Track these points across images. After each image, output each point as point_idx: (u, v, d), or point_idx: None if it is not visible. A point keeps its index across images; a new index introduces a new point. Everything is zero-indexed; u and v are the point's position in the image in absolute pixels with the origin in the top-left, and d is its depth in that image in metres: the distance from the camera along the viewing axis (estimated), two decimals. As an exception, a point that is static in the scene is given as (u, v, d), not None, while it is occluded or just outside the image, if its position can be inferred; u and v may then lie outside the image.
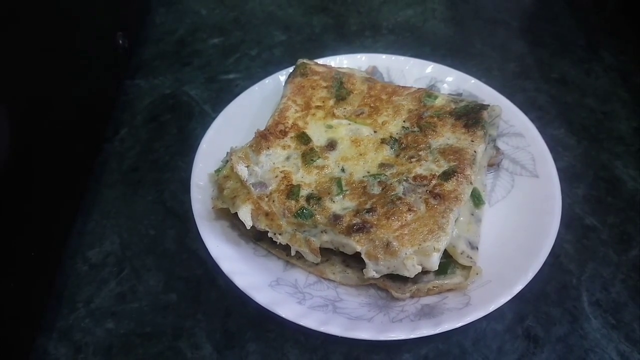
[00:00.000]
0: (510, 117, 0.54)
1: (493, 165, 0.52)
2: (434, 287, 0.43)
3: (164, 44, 0.71)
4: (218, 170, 0.48)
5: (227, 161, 0.48)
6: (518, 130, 0.53)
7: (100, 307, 0.46)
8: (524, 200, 0.48)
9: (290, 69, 0.57)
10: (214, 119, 0.55)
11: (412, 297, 0.43)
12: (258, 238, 0.46)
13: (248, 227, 0.44)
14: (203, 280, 0.47)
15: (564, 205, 0.47)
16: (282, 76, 0.58)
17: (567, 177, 0.53)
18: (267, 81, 0.58)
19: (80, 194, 0.52)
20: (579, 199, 0.52)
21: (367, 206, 0.43)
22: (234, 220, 0.46)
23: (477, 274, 0.43)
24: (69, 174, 0.49)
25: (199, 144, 0.52)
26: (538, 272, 0.46)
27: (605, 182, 0.54)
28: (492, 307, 0.41)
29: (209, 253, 0.44)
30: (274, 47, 0.71)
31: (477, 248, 0.44)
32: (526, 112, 0.54)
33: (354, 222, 0.42)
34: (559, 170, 0.49)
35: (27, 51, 0.43)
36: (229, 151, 0.49)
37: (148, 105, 0.63)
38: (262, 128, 0.50)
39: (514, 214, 0.48)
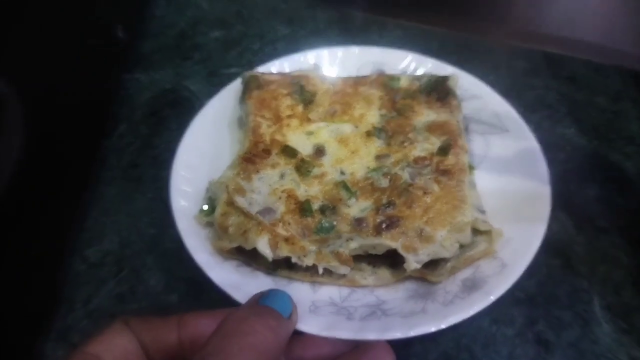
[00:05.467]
0: (463, 83, 0.54)
1: None
2: (465, 260, 0.42)
3: (164, 37, 0.69)
4: (204, 211, 0.45)
5: (210, 198, 0.45)
6: (473, 92, 0.54)
7: (99, 308, 0.45)
8: (504, 155, 0.49)
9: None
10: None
11: (449, 275, 0.42)
12: (274, 268, 0.43)
13: (270, 259, 0.41)
14: (205, 280, 0.45)
15: (574, 206, 0.46)
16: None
17: (577, 178, 0.52)
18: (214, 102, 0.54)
19: (78, 191, 0.51)
20: (590, 200, 0.51)
21: (384, 201, 0.42)
22: (240, 258, 0.43)
23: (500, 235, 0.42)
24: (67, 170, 0.48)
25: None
26: (549, 274, 0.45)
27: (616, 183, 0.53)
28: (529, 258, 0.41)
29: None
30: (277, 41, 0.69)
31: (485, 211, 0.44)
32: (535, 111, 0.54)
33: (379, 220, 0.41)
34: (568, 170, 0.49)
35: (23, 44, 0.41)
36: (207, 187, 0.47)
37: (148, 100, 0.61)
38: (227, 150, 0.49)
39: (500, 170, 0.48)
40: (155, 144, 0.57)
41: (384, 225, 0.41)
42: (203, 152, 0.50)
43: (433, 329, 0.38)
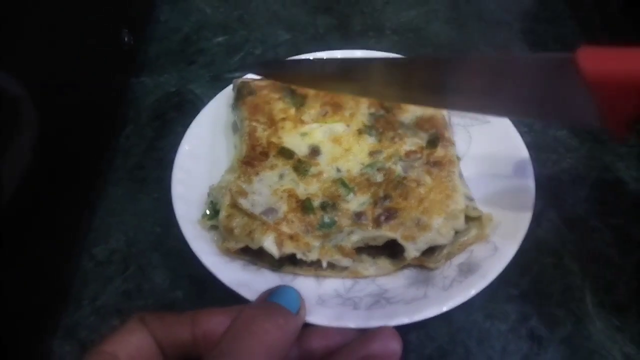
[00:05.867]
0: None
1: None
2: (459, 245, 0.44)
3: (169, 41, 0.71)
4: (207, 215, 0.46)
5: (211, 202, 0.47)
6: None
7: (106, 305, 0.46)
8: (486, 145, 0.51)
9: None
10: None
11: (446, 261, 0.44)
12: (279, 265, 0.44)
13: (277, 257, 0.42)
14: (209, 278, 0.47)
15: (567, 206, 0.47)
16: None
17: (570, 179, 0.54)
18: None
19: (85, 191, 0.52)
20: (582, 200, 0.53)
21: (381, 194, 0.44)
22: (245, 257, 0.45)
23: (490, 220, 0.45)
24: (74, 171, 0.49)
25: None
26: (542, 272, 0.46)
27: (609, 184, 0.54)
28: (519, 240, 0.43)
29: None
30: (278, 46, 0.71)
31: (474, 199, 0.46)
32: (530, 114, 0.55)
33: (378, 213, 0.43)
34: (562, 171, 0.50)
35: (34, 49, 0.42)
36: (208, 192, 0.48)
37: (153, 103, 0.63)
38: (223, 155, 0.51)
39: (484, 160, 0.50)
40: (160, 146, 0.58)
41: (382, 218, 0.43)
42: (200, 158, 0.52)
43: (436, 313, 0.40)
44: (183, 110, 0.62)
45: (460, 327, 0.44)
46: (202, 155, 0.52)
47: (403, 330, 0.38)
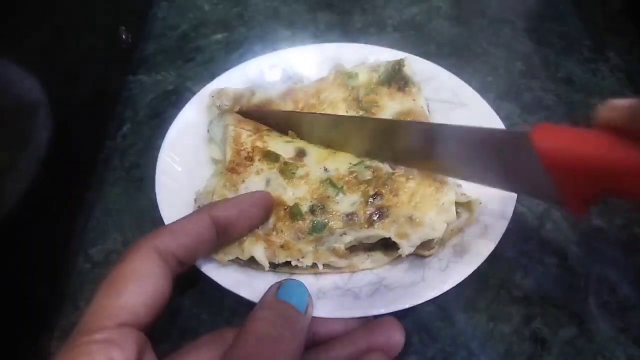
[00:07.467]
0: (418, 67, 0.56)
1: None
2: (451, 231, 0.44)
3: (167, 39, 0.70)
4: None
5: (199, 207, 0.46)
6: (428, 75, 0.56)
7: (103, 306, 0.45)
8: None
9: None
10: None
11: (439, 247, 0.44)
12: (275, 266, 0.44)
13: (267, 269, 0.42)
14: (206, 277, 0.46)
15: (570, 206, 0.46)
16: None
17: (574, 178, 0.53)
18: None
19: (82, 191, 0.52)
20: (586, 200, 0.52)
21: (371, 192, 0.44)
22: (241, 263, 0.44)
23: (479, 204, 0.44)
24: (72, 171, 0.49)
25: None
26: (544, 273, 0.46)
27: (612, 184, 0.54)
28: (508, 216, 0.43)
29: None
30: (278, 43, 0.70)
31: (461, 185, 0.46)
32: (533, 112, 0.54)
33: (370, 212, 0.43)
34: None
35: (27, 46, 0.42)
36: (195, 197, 0.47)
37: (151, 102, 0.62)
38: (204, 157, 0.50)
39: None
40: (157, 144, 0.57)
41: (375, 217, 0.42)
42: (182, 162, 0.51)
43: (437, 294, 0.40)
44: (181, 109, 0.61)
45: (462, 329, 0.43)
46: (184, 160, 0.51)
47: (405, 332, 0.38)
